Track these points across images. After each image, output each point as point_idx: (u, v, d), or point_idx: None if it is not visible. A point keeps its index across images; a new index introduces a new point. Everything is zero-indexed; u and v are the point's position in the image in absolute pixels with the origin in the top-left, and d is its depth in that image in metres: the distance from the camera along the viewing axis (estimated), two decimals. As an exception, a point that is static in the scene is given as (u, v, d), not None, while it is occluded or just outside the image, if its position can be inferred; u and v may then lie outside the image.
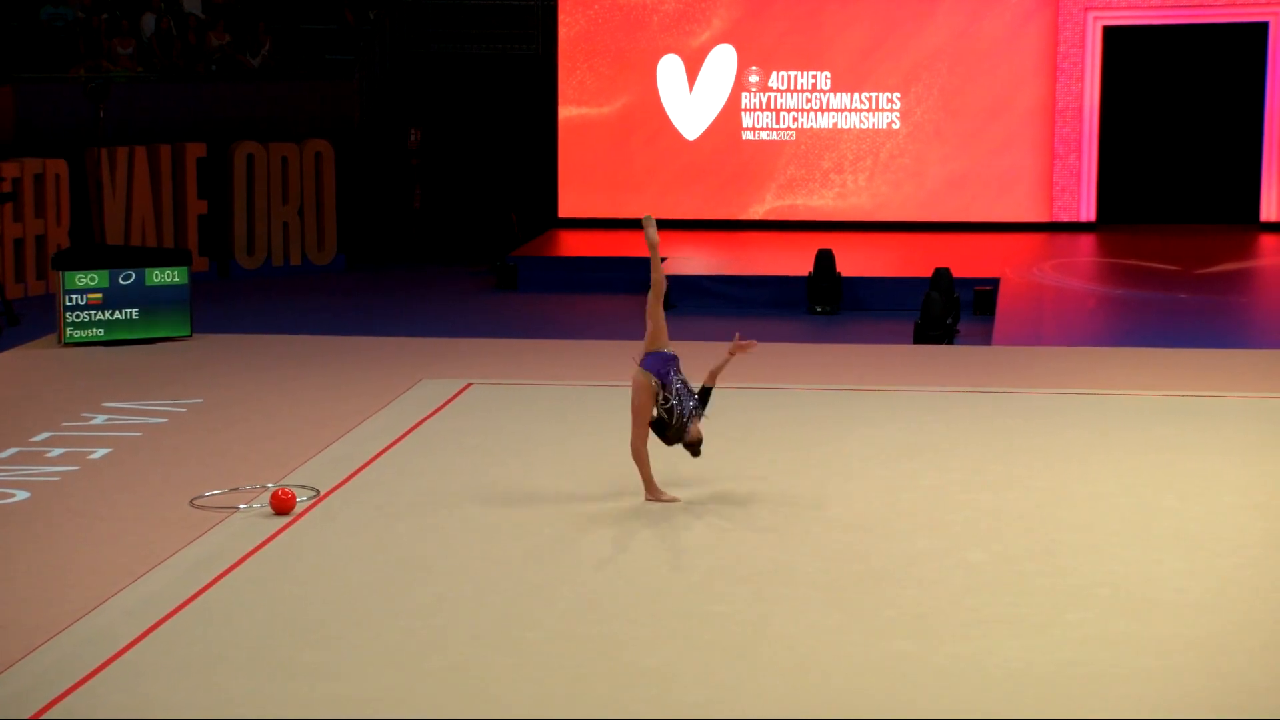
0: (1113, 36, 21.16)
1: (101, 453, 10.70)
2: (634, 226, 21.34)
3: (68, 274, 14.24)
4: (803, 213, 21.60)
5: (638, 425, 9.29)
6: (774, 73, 21.59)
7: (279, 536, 8.94)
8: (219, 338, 14.64)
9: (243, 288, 18.95)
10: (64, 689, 6.91)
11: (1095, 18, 21.11)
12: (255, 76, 20.94)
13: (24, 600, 7.99)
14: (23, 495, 9.75)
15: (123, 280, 14.37)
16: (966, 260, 18.33)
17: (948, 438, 11.02)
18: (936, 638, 7.45)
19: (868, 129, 21.54)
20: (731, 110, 21.65)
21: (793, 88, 21.59)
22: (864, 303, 17.67)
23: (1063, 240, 20.81)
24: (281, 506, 9.30)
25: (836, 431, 11.23)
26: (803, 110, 21.60)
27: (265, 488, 9.69)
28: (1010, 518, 9.28)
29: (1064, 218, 21.31)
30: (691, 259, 19.23)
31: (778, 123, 21.64)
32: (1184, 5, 21.14)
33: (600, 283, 18.62)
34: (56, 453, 10.70)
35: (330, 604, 7.93)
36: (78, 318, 14.22)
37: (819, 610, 7.82)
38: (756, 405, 11.93)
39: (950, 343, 15.28)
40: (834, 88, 21.54)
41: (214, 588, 8.15)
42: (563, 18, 21.75)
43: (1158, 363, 13.47)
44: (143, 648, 7.38)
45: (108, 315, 14.30)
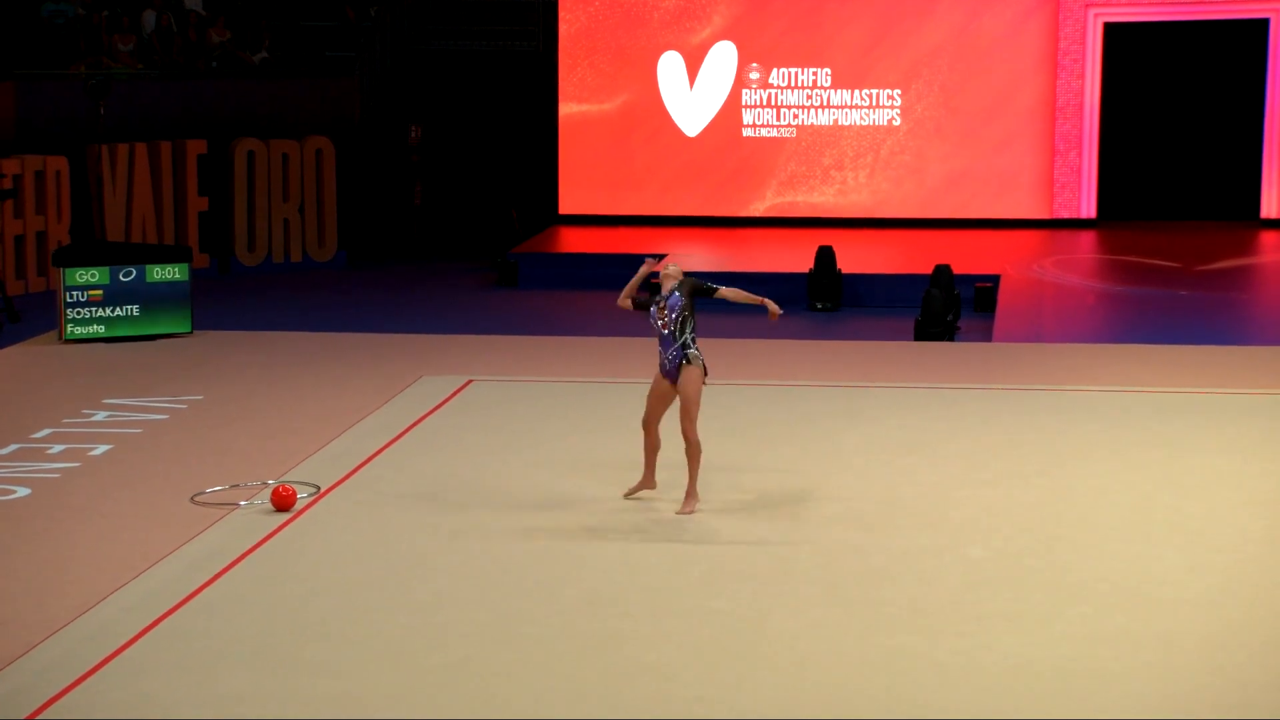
0: (1113, 33, 21.15)
1: (102, 449, 10.71)
2: (635, 223, 21.53)
3: (68, 271, 14.25)
4: (803, 209, 21.61)
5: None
6: (774, 69, 21.59)
7: (279, 533, 8.95)
8: (220, 334, 14.65)
9: (243, 284, 18.95)
10: (65, 685, 6.92)
11: (1096, 14, 21.10)
12: (256, 73, 20.94)
13: (25, 597, 8.00)
14: (24, 492, 9.75)
15: (123, 277, 14.38)
16: (967, 257, 18.34)
17: (948, 434, 11.02)
18: (936, 633, 7.46)
19: (868, 126, 21.53)
20: (732, 107, 21.65)
21: (793, 84, 21.59)
22: (864, 299, 17.67)
23: (1063, 237, 20.81)
24: (282, 503, 9.31)
25: (837, 428, 11.24)
26: (803, 107, 21.60)
27: (266, 484, 9.70)
28: (1010, 514, 9.29)
29: (1064, 214, 21.31)
30: (692, 256, 19.23)
31: (778, 119, 21.64)
32: (1185, 2, 21.13)
33: (600, 279, 18.57)
34: (57, 449, 10.70)
35: (331, 600, 7.94)
36: (79, 314, 14.23)
37: (819, 606, 7.83)
38: (757, 401, 11.94)
39: (950, 339, 15.27)
40: (834, 84, 21.54)
41: (214, 584, 8.16)
42: (563, 14, 21.74)
43: (1158, 359, 13.47)
44: (143, 644, 7.38)
45: (108, 312, 14.31)
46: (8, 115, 19.14)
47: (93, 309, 14.28)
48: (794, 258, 18.35)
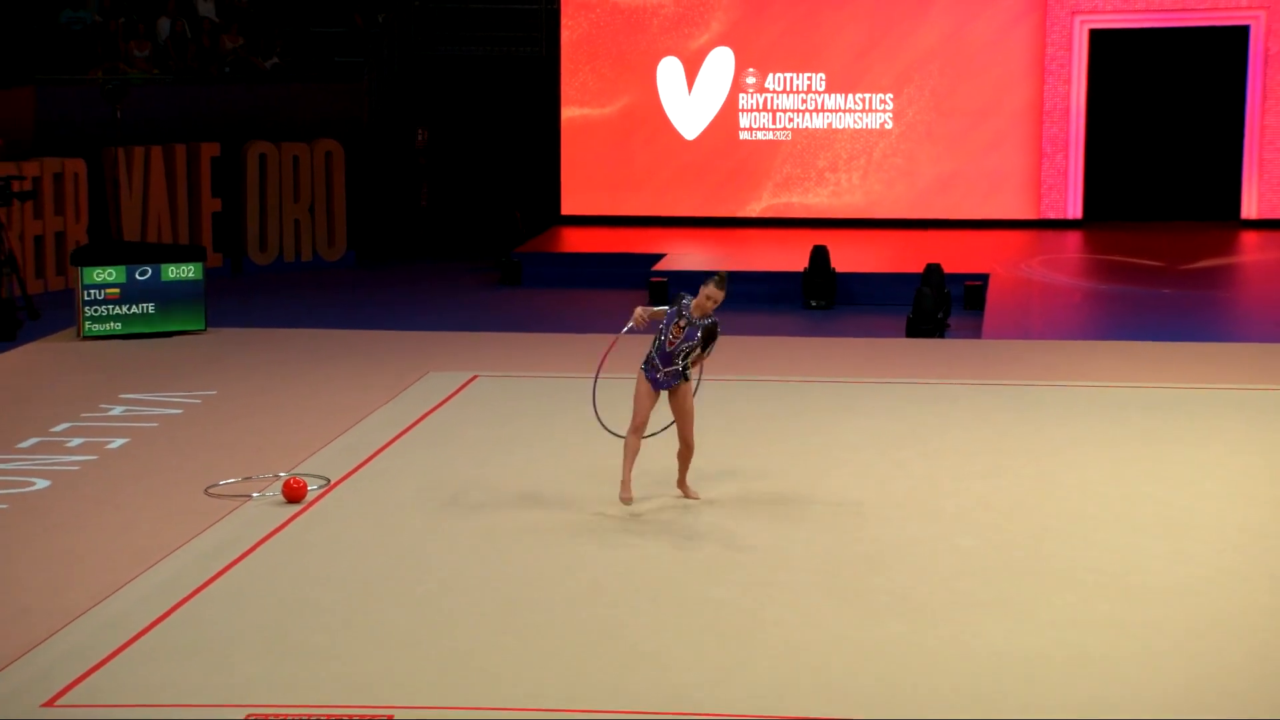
0: (1098, 39, 21.14)
1: (119, 443, 10.71)
2: (635, 224, 21.51)
3: (86, 270, 14.25)
4: (798, 210, 21.59)
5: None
6: (770, 74, 21.57)
7: (291, 524, 8.95)
8: (233, 331, 14.65)
9: (255, 283, 18.95)
10: (83, 671, 6.92)
11: (1082, 21, 21.09)
12: (267, 78, 20.93)
13: (44, 585, 8.00)
14: (43, 484, 9.76)
15: (139, 276, 14.37)
16: (957, 256, 18.32)
17: (939, 428, 11.02)
18: (927, 620, 7.46)
19: (861, 129, 21.52)
20: (729, 111, 21.64)
21: (788, 89, 21.57)
22: (857, 298, 17.66)
23: (1050, 237, 20.79)
24: (293, 495, 9.31)
25: (831, 422, 11.23)
26: (798, 111, 21.58)
27: (277, 477, 9.70)
28: (999, 505, 9.29)
29: (1051, 215, 21.29)
30: (690, 255, 19.23)
31: (774, 123, 21.62)
32: (1168, 9, 21.12)
33: (601, 278, 18.62)
34: (76, 443, 10.70)
35: (340, 589, 7.94)
36: (96, 312, 14.23)
37: (814, 595, 7.83)
38: (753, 397, 11.94)
39: (941, 336, 15.27)
40: (829, 89, 21.52)
41: (228, 573, 8.16)
42: (565, 21, 21.73)
43: (1142, 356, 13.47)
44: (158, 631, 7.38)
45: (125, 310, 14.30)
46: (27, 119, 19.13)
47: (110, 307, 14.27)
48: (789, 257, 18.34)
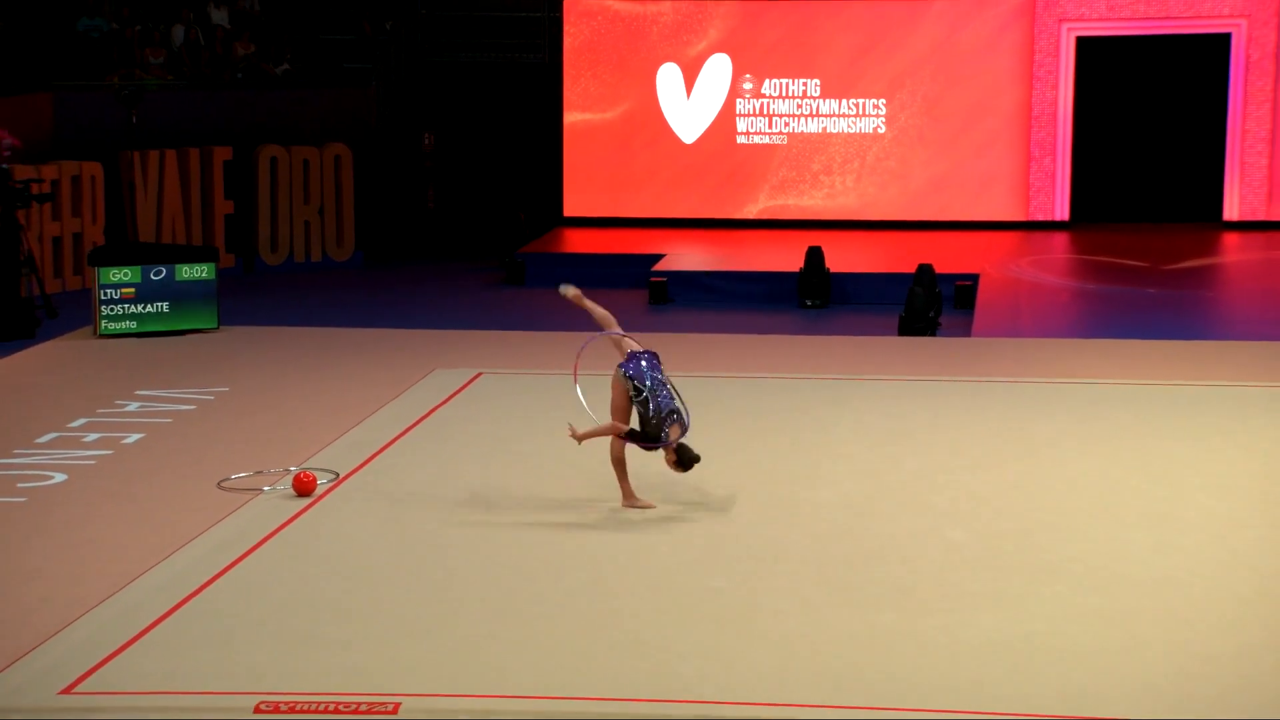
0: (1085, 46, 21.13)
1: (134, 438, 10.70)
2: (635, 225, 21.51)
3: (103, 270, 14.24)
4: (794, 212, 21.58)
5: (615, 426, 8.83)
6: (766, 80, 21.56)
7: (301, 517, 8.94)
8: (244, 330, 14.64)
9: (267, 283, 18.94)
10: (99, 660, 6.91)
11: (1069, 28, 21.08)
12: (278, 84, 20.92)
13: (61, 576, 7.99)
14: (61, 477, 9.75)
15: (154, 276, 14.36)
16: (948, 257, 18.31)
17: (930, 424, 11.01)
18: (919, 611, 7.45)
19: (855, 133, 21.51)
20: (727, 115, 21.63)
21: (784, 94, 21.57)
22: (851, 297, 17.65)
23: (1038, 238, 20.79)
24: (303, 488, 9.30)
25: (826, 418, 11.22)
26: (794, 115, 21.58)
27: (288, 471, 9.69)
28: (989, 498, 9.28)
29: (1039, 217, 21.29)
30: (689, 255, 19.23)
31: (770, 127, 21.61)
32: (1152, 17, 21.12)
33: (603, 277, 18.54)
34: (92, 438, 10.70)
35: (349, 580, 7.93)
36: (112, 311, 14.22)
37: (808, 586, 7.82)
38: (749, 393, 11.93)
39: (933, 335, 15.26)
40: (823, 94, 21.51)
41: (240, 565, 8.15)
42: (568, 29, 21.72)
43: (1127, 353, 13.46)
44: (173, 621, 7.38)
45: (140, 309, 14.29)
46: (46, 124, 19.13)
47: (125, 306, 14.26)
48: (785, 257, 18.34)
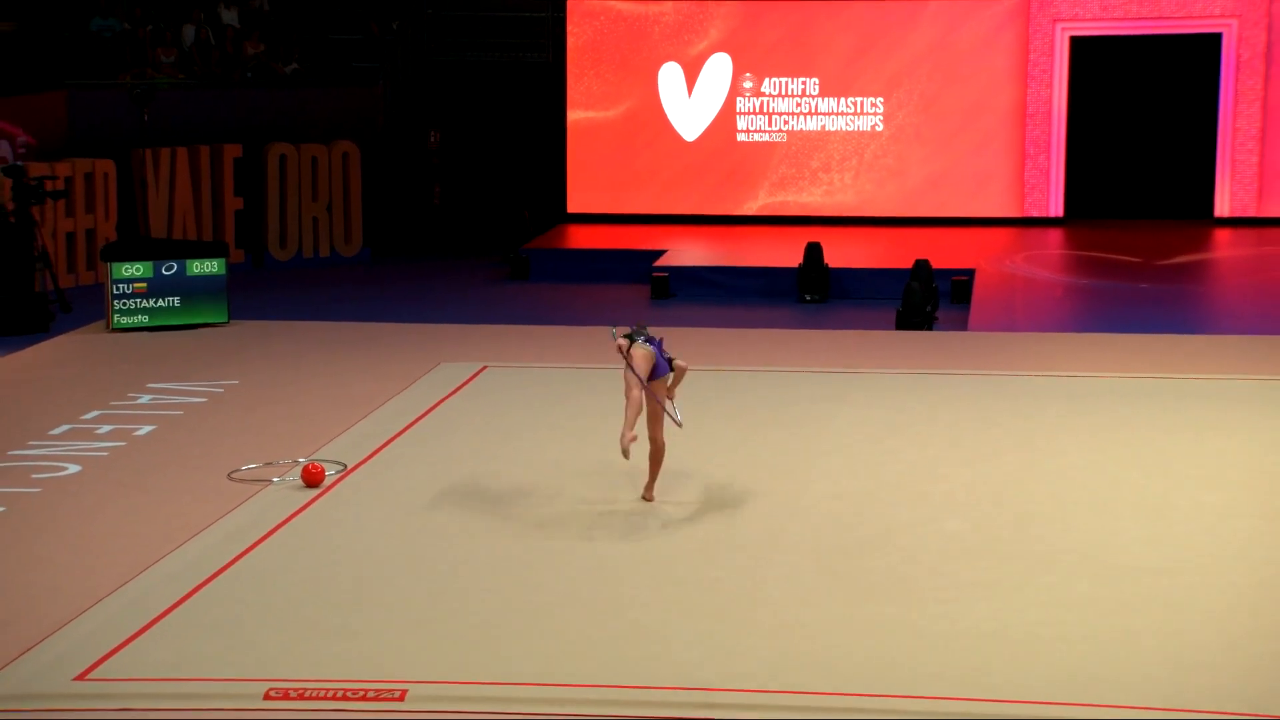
0: (1079, 46, 21.10)
1: (146, 430, 10.70)
2: (637, 221, 21.49)
3: (115, 265, 14.23)
4: (793, 208, 21.56)
5: (634, 397, 8.65)
6: (766, 79, 21.53)
7: (310, 507, 8.94)
8: (254, 324, 14.63)
9: (276, 278, 18.92)
10: (112, 647, 6.92)
11: (1063, 28, 21.05)
12: (287, 83, 20.90)
13: (74, 565, 8.00)
14: (74, 469, 9.76)
15: (165, 271, 14.35)
16: (944, 252, 18.28)
17: (927, 417, 11.00)
18: (916, 601, 7.45)
19: (853, 131, 21.49)
20: (727, 113, 21.60)
21: (784, 93, 21.53)
22: (850, 292, 17.62)
23: (1033, 234, 20.76)
24: (312, 480, 9.30)
25: (824, 411, 11.22)
26: (793, 114, 21.55)
27: (297, 462, 9.69)
28: (985, 490, 9.27)
29: (1034, 213, 21.26)
30: (690, 251, 19.22)
31: (770, 125, 21.58)
32: (1145, 17, 21.08)
33: (606, 273, 18.61)
34: (105, 430, 10.70)
35: (357, 569, 7.93)
36: (124, 305, 14.21)
37: (807, 575, 7.82)
38: (749, 387, 11.92)
39: (929, 329, 15.25)
40: (822, 93, 21.48)
41: (249, 554, 8.15)
42: (571, 28, 21.69)
43: (1121, 347, 13.45)
44: (184, 610, 7.38)
45: (152, 303, 14.29)
46: (59, 121, 19.12)
47: (137, 300, 14.26)
48: (785, 253, 18.32)
